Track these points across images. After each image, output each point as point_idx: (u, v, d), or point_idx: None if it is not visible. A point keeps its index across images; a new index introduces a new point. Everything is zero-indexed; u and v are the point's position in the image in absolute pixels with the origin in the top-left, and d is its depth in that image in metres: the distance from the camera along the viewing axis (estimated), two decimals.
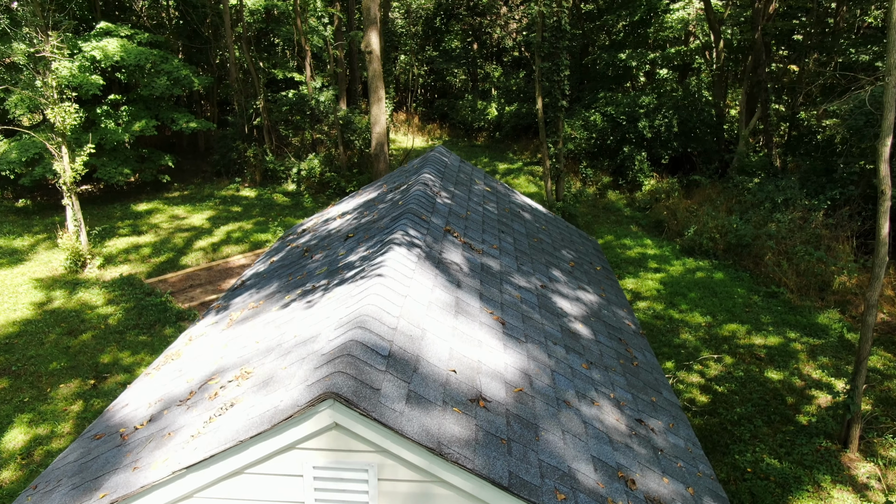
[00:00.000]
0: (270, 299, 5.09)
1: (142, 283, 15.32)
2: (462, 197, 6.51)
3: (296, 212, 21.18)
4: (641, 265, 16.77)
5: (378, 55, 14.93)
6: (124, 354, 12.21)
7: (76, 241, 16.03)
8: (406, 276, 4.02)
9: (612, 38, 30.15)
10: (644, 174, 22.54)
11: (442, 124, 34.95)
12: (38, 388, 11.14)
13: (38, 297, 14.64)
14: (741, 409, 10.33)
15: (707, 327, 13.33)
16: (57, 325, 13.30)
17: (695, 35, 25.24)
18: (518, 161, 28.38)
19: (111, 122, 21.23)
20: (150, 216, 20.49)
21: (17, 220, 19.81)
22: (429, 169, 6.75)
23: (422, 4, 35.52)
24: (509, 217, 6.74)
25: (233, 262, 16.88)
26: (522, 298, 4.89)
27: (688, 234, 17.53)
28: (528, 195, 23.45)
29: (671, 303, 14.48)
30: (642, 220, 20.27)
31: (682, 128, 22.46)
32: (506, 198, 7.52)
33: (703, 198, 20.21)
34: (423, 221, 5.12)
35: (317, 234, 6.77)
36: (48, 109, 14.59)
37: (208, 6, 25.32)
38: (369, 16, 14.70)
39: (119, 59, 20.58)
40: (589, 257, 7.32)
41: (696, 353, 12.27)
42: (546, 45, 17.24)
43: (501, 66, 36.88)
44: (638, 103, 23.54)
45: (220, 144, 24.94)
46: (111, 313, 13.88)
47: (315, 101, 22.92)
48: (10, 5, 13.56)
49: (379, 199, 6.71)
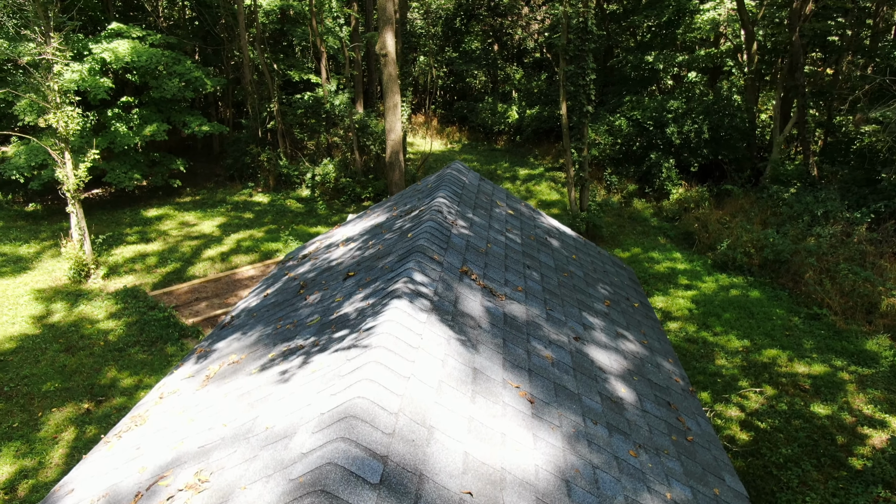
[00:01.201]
0: (253, 352, 4.30)
1: (146, 296, 14.67)
2: (481, 224, 5.67)
3: (308, 219, 20.47)
4: (671, 281, 15.81)
5: (394, 58, 14.14)
6: (123, 375, 11.54)
7: (80, 250, 15.44)
8: (410, 346, 3.20)
9: (638, 39, 29.13)
10: (672, 182, 21.53)
11: (461, 127, 34.13)
12: (30, 411, 10.49)
13: (37, 309, 14.05)
14: (787, 450, 9.38)
15: (744, 352, 12.36)
16: (55, 341, 12.67)
17: (726, 36, 24.16)
18: (539, 166, 27.47)
19: (122, 125, 20.69)
20: (160, 222, 19.90)
21: (25, 226, 19.32)
22: (444, 191, 5.92)
23: (441, 5, 34.72)
24: (535, 247, 5.89)
25: (241, 274, 16.19)
26: (554, 359, 4.04)
27: (720, 248, 16.52)
28: (550, 203, 22.54)
29: (704, 324, 13.52)
30: (670, 232, 19.27)
31: (712, 134, 21.42)
32: (530, 222, 6.66)
33: (736, 208, 19.17)
34: (434, 262, 4.30)
35: (317, 265, 5.98)
36: (50, 114, 13.99)
37: (223, 7, 24.73)
38: (385, 15, 13.93)
39: (130, 60, 20.02)
40: (625, 290, 6.45)
41: (734, 382, 11.31)
42: (571, 48, 16.34)
43: (522, 67, 35.97)
44: (666, 108, 22.53)
45: (233, 148, 24.34)
46: (112, 328, 13.23)
47: (330, 105, 22.22)
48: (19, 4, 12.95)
49: (387, 225, 5.90)
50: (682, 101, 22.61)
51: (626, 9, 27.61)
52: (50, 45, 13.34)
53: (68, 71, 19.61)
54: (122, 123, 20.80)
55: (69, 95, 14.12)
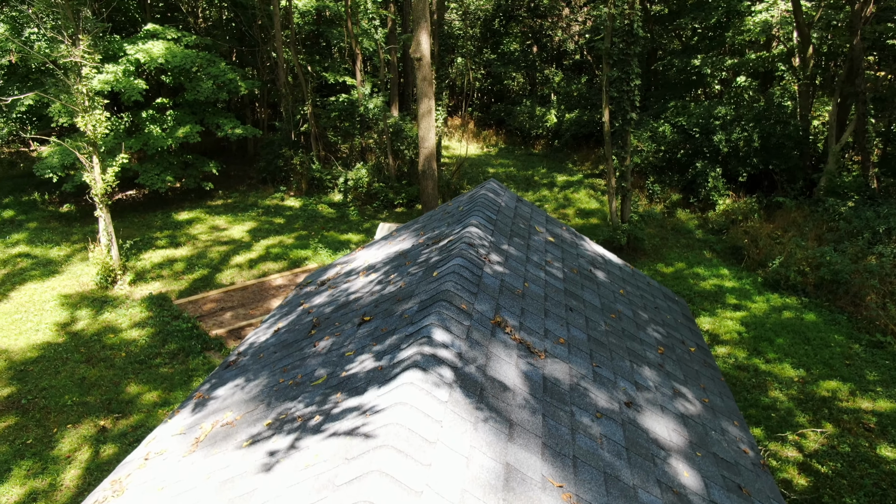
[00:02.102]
0: (250, 412, 3.72)
1: (171, 305, 14.33)
2: (518, 257, 4.99)
3: (340, 225, 20.01)
4: (718, 300, 14.87)
5: (428, 61, 13.53)
6: (142, 390, 11.15)
7: (107, 255, 15.19)
8: (425, 441, 2.55)
9: (684, 41, 28.03)
10: (718, 192, 20.48)
11: (498, 130, 33.40)
12: (45, 426, 10.15)
13: (62, 316, 13.81)
14: (851, 500, 8.48)
15: (800, 383, 11.41)
16: (76, 351, 12.38)
17: (778, 39, 22.97)
18: (578, 172, 26.60)
19: (156, 126, 20.52)
20: (190, 226, 19.65)
21: (58, 227, 19.26)
22: (477, 217, 5.26)
23: (480, 5, 34.04)
24: (579, 282, 5.18)
25: (269, 283, 15.78)
26: (603, 438, 3.35)
27: (772, 266, 15.51)
28: (589, 212, 21.68)
29: (755, 349, 12.58)
30: (717, 245, 18.27)
31: (762, 142, 20.30)
32: (572, 250, 5.96)
33: (788, 222, 18.07)
34: (461, 312, 3.64)
35: (334, 296, 5.39)
36: (78, 117, 13.74)
37: (258, 7, 24.47)
38: (419, 17, 13.33)
39: (164, 61, 19.82)
40: (679, 331, 5.71)
41: (790, 417, 10.40)
42: (615, 51, 15.51)
43: (562, 70, 35.06)
44: (713, 114, 21.48)
45: (266, 151, 24.04)
46: (135, 339, 12.90)
47: (364, 108, 21.73)
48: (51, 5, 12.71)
49: (412, 254, 5.26)
50: (731, 107, 21.53)
51: (672, 10, 26.53)
52: (79, 48, 13.07)
53: (103, 72, 19.53)
54: (155, 125, 20.63)
55: (97, 99, 13.84)
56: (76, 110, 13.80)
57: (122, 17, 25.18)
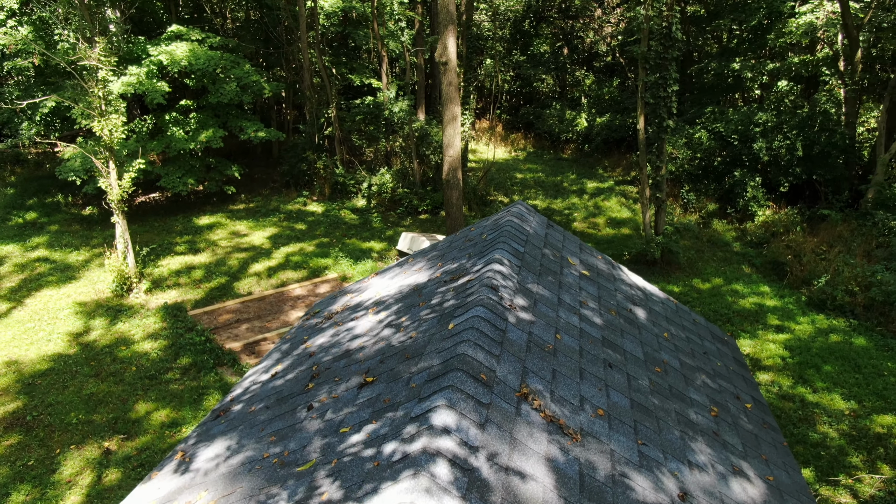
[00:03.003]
0: (227, 498, 3.10)
1: (185, 315, 13.91)
2: (549, 299, 4.33)
3: (362, 232, 19.47)
4: (759, 320, 13.99)
5: (455, 66, 12.89)
6: (151, 408, 10.70)
7: (123, 262, 14.85)
8: None
9: (722, 44, 26.98)
10: (758, 203, 19.50)
11: (526, 134, 32.65)
12: (48, 447, 9.74)
13: (76, 325, 13.47)
14: None
15: (852, 417, 10.53)
16: (86, 364, 11.99)
17: (824, 42, 21.88)
18: (609, 179, 25.74)
19: (178, 129, 20.21)
20: (211, 231, 19.29)
21: (79, 231, 19.04)
22: (501, 251, 4.61)
23: (510, 6, 33.32)
24: (618, 327, 4.51)
25: (287, 293, 15.28)
26: None
27: (818, 284, 14.57)
28: (620, 221, 20.85)
29: (801, 377, 11.71)
30: (756, 260, 17.33)
31: (805, 151, 19.27)
32: (609, 284, 5.28)
33: (833, 236, 17.06)
34: (480, 385, 2.99)
35: (337, 338, 4.79)
36: (94, 121, 13.39)
37: (284, 8, 24.06)
38: (446, 19, 12.69)
39: (186, 64, 19.48)
40: (731, 381, 4.99)
41: (842, 456, 9.55)
42: (652, 56, 14.71)
43: (593, 72, 34.14)
44: (753, 120, 20.49)
45: (289, 154, 23.63)
46: (146, 352, 12.48)
47: (389, 112, 21.18)
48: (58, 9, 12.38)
49: (427, 291, 4.64)
50: (772, 113, 20.52)
51: (710, 11, 25.51)
52: (95, 50, 12.70)
53: (126, 74, 19.27)
54: (178, 128, 20.33)
55: (115, 103, 13.47)
56: (92, 114, 13.45)
57: (150, 18, 25.01)
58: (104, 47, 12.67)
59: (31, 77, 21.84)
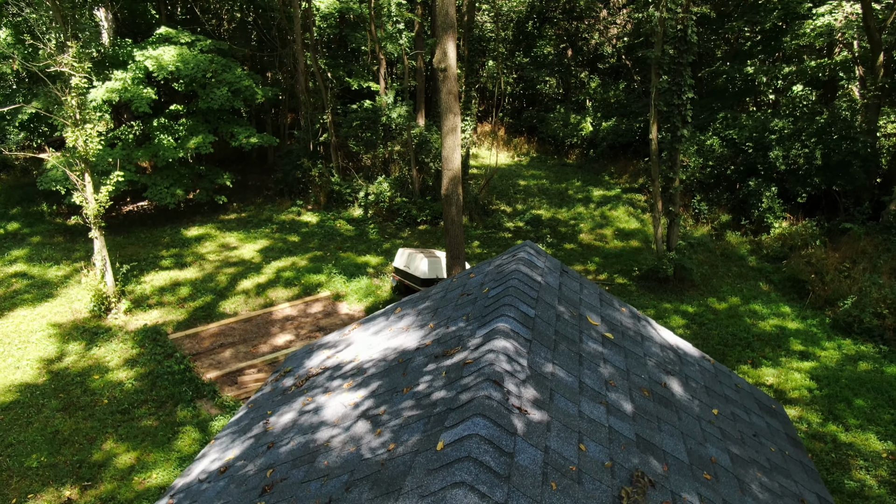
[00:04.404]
0: None
1: (166, 339, 12.98)
2: (568, 385, 3.39)
3: (358, 245, 18.54)
4: (780, 344, 13.03)
5: (455, 73, 11.95)
6: (118, 448, 9.77)
7: (101, 281, 13.93)
8: None
9: (734, 47, 26.01)
10: (774, 214, 18.53)
11: (529, 138, 31.67)
12: (4, 495, 8.82)
13: (48, 350, 12.55)
14: None
15: (890, 461, 9.57)
16: (55, 396, 11.07)
17: (842, 44, 20.91)
18: (615, 186, 24.77)
19: (167, 136, 19.28)
20: (199, 244, 18.37)
21: (61, 244, 18.14)
22: (506, 318, 3.68)
23: (513, 7, 32.37)
24: (653, 414, 3.57)
25: (277, 313, 14.36)
26: None
27: (843, 306, 13.61)
28: (629, 233, 19.88)
29: (831, 412, 10.75)
30: (773, 276, 16.37)
31: (825, 159, 18.29)
32: (637, 348, 4.35)
33: (856, 252, 16.09)
34: None
35: (304, 418, 3.90)
36: (67, 131, 12.47)
37: (278, 9, 23.13)
38: (445, 23, 11.76)
39: (174, 69, 18.55)
40: (791, 474, 4.06)
41: None
42: (666, 60, 13.75)
43: (598, 74, 33.13)
44: (769, 127, 19.52)
45: (283, 161, 22.71)
46: (121, 381, 11.55)
47: (387, 118, 20.24)
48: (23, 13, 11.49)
49: (414, 367, 3.72)
50: (790, 120, 19.54)
51: (722, 13, 24.53)
52: (65, 55, 11.77)
53: (111, 79, 18.36)
54: (166, 135, 19.39)
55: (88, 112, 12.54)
56: (65, 123, 12.53)
57: (140, 20, 24.10)
58: (76, 52, 11.74)
59: (14, 82, 20.94)
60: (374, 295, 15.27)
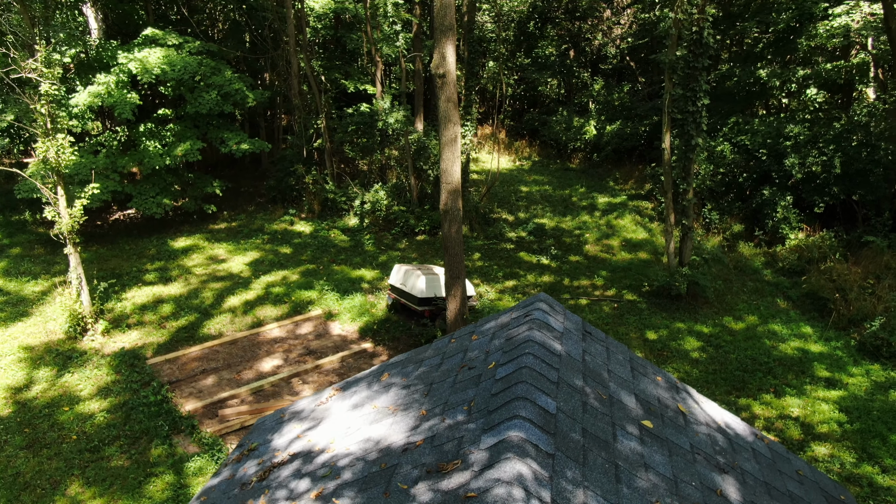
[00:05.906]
0: None
1: (143, 364, 12.08)
2: None
3: (353, 257, 17.64)
4: (804, 370, 12.14)
5: (454, 79, 11.06)
6: (86, 494, 8.88)
7: (76, 300, 13.03)
8: None
9: (745, 48, 25.10)
10: (790, 225, 17.64)
11: (531, 142, 30.78)
12: None
13: (17, 377, 11.66)
14: None
15: None
16: (20, 431, 10.18)
17: (861, 46, 20.00)
18: (621, 193, 23.89)
19: (153, 142, 18.38)
20: (186, 256, 17.47)
21: (41, 255, 17.23)
22: (521, 424, 2.82)
23: (514, 7, 31.46)
24: None
25: (264, 334, 13.46)
26: None
27: (870, 328, 12.72)
28: (636, 244, 18.98)
29: (864, 450, 9.86)
30: (791, 291, 15.48)
31: (843, 168, 17.39)
32: (681, 436, 3.46)
33: (879, 267, 15.20)
34: None
35: None
36: (38, 141, 11.57)
37: (271, 10, 22.23)
38: (444, 23, 10.86)
39: (160, 72, 17.64)
40: None
41: None
42: (681, 65, 12.86)
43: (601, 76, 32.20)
44: (784, 133, 18.63)
45: (276, 168, 21.81)
46: (93, 413, 10.66)
47: (384, 123, 19.34)
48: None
49: (400, 477, 2.79)
50: (806, 126, 18.65)
51: (732, 14, 23.63)
52: (33, 60, 10.87)
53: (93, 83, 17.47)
54: (153, 141, 18.49)
55: (62, 121, 11.64)
56: (36, 133, 11.64)
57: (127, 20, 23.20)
58: (45, 56, 10.84)
59: None
60: (368, 314, 14.38)
